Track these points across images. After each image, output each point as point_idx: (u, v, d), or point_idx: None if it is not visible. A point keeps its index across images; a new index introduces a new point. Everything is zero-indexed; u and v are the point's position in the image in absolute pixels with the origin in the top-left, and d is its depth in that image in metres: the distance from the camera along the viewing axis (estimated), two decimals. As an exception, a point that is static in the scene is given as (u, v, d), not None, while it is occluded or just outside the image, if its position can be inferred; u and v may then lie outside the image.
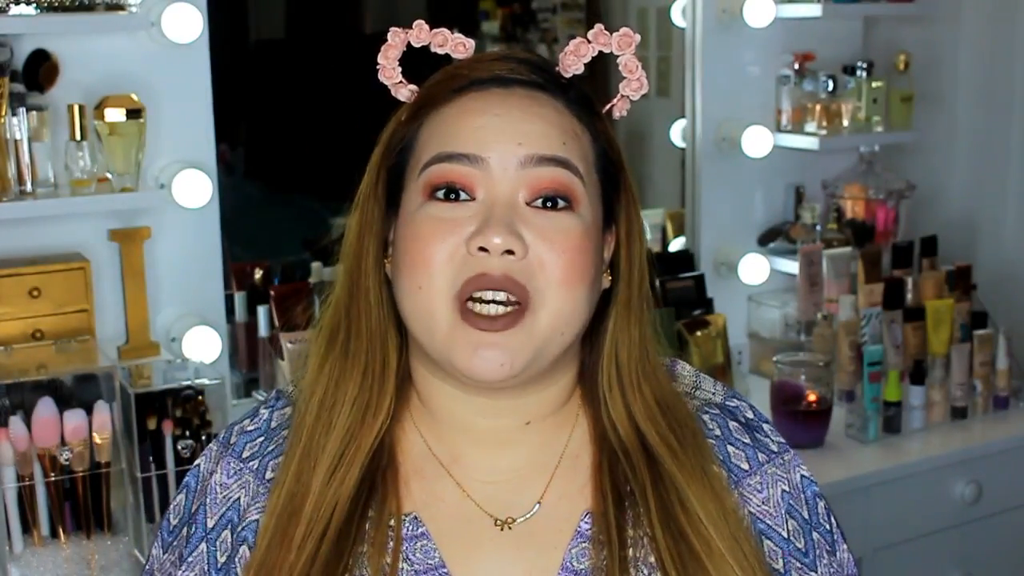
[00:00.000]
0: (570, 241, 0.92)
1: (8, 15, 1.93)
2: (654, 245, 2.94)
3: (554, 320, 0.92)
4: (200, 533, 0.99)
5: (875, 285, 2.60)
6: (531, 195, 0.92)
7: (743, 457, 1.02)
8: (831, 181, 2.90)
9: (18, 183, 1.97)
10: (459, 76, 0.96)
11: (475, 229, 0.90)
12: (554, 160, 0.92)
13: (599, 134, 0.98)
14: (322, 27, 3.44)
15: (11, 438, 1.81)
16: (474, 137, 0.92)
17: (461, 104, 0.95)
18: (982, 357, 2.56)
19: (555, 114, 0.95)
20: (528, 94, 0.95)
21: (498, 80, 0.96)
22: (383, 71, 0.99)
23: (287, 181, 3.29)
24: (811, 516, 1.02)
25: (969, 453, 2.44)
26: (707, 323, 2.55)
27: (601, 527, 0.95)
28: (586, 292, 0.94)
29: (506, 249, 0.89)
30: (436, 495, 0.98)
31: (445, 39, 0.98)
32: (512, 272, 0.90)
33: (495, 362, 0.90)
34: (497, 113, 0.93)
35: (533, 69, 0.97)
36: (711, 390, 1.07)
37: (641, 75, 0.98)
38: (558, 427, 1.01)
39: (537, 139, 0.92)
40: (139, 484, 1.88)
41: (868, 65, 2.78)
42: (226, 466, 1.01)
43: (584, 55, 0.97)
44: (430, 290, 0.91)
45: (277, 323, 2.27)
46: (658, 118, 3.07)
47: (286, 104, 3.31)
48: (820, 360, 2.46)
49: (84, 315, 2.07)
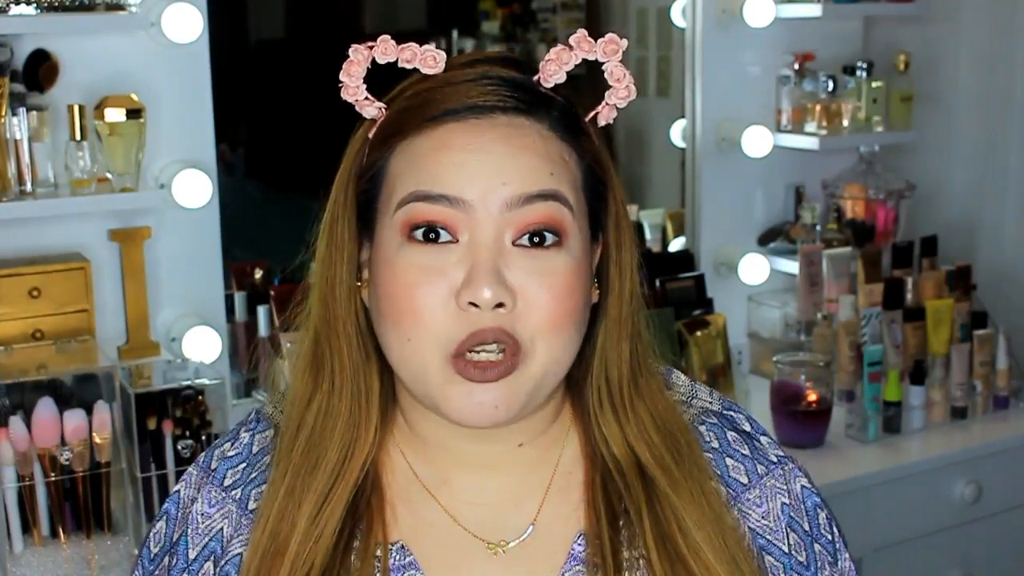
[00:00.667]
0: (559, 281, 0.87)
1: (8, 15, 1.93)
2: (654, 245, 2.94)
3: (545, 365, 0.89)
4: (182, 564, 0.97)
5: (875, 285, 2.60)
6: (518, 234, 0.87)
7: (742, 470, 0.99)
8: (831, 181, 2.90)
9: (18, 183, 1.97)
10: (431, 104, 0.89)
11: (464, 280, 0.85)
12: (542, 196, 0.87)
13: (585, 152, 0.92)
14: (322, 27, 3.44)
15: (11, 438, 1.81)
16: (453, 177, 0.86)
17: (436, 137, 0.88)
18: (982, 357, 2.56)
19: (540, 142, 0.88)
20: (509, 122, 0.88)
21: (475, 109, 0.88)
22: (346, 89, 0.91)
23: (287, 181, 3.29)
24: (812, 528, 1.00)
25: (969, 453, 2.44)
26: (707, 323, 2.55)
27: (595, 549, 0.92)
28: (575, 331, 0.90)
29: (497, 303, 0.85)
30: (424, 521, 0.96)
31: (414, 54, 0.90)
32: (503, 325, 0.86)
33: (489, 406, 0.87)
34: (477, 149, 0.87)
35: (512, 89, 0.89)
36: (707, 398, 1.04)
37: (629, 83, 0.91)
38: (549, 445, 0.98)
39: (522, 176, 0.87)
40: (139, 484, 1.88)
41: (868, 65, 2.78)
42: (207, 495, 0.98)
43: (567, 63, 0.90)
44: (421, 343, 0.87)
45: (277, 323, 2.27)
46: (658, 118, 3.07)
47: (286, 104, 3.31)
48: (820, 360, 2.46)
49: (84, 315, 2.07)
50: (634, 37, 3.20)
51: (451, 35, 3.54)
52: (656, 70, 3.14)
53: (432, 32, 3.57)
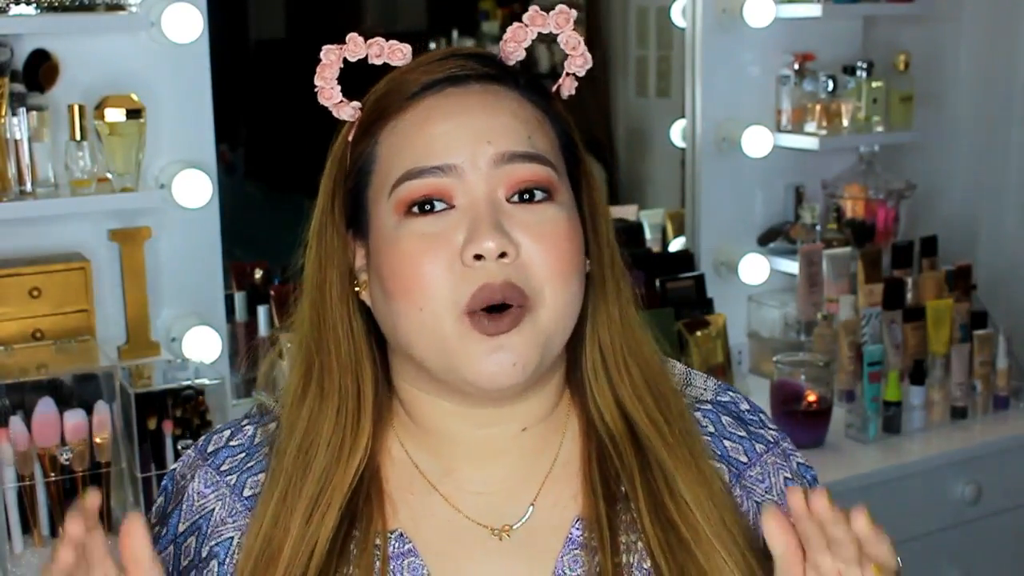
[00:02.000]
0: (558, 232, 0.90)
1: (8, 15, 1.93)
2: (654, 245, 2.94)
3: (555, 315, 0.90)
4: (170, 536, 0.98)
5: (875, 285, 2.60)
6: (510, 191, 0.90)
7: (740, 450, 1.01)
8: (831, 181, 2.90)
9: (18, 183, 1.97)
10: (408, 82, 0.92)
11: (466, 236, 0.87)
12: (526, 156, 0.90)
13: (557, 117, 0.96)
14: (322, 27, 3.44)
15: (11, 438, 1.81)
16: (440, 146, 0.89)
17: (418, 112, 0.91)
18: (982, 357, 2.55)
19: (517, 106, 0.92)
20: (485, 88, 0.92)
21: (452, 79, 0.92)
22: (322, 92, 0.94)
23: (287, 181, 3.29)
24: None
25: (969, 453, 2.44)
26: (707, 323, 2.55)
27: (593, 533, 0.93)
28: (578, 282, 0.92)
29: (501, 252, 0.87)
30: (425, 511, 0.96)
31: (381, 48, 0.94)
32: (510, 277, 0.88)
33: (507, 363, 0.88)
34: (458, 114, 0.90)
35: (484, 62, 0.94)
36: (702, 386, 1.05)
37: (583, 50, 0.95)
38: (551, 432, 0.99)
39: (505, 135, 0.90)
40: (139, 484, 1.88)
41: (868, 65, 2.78)
42: (203, 475, 0.99)
43: (523, 40, 0.95)
44: (433, 310, 0.88)
45: (277, 323, 2.27)
46: (658, 118, 3.07)
47: (286, 104, 3.30)
48: (820, 360, 2.46)
49: (84, 315, 2.07)
50: (634, 37, 3.20)
51: (451, 35, 3.54)
52: (656, 70, 3.14)
53: (432, 32, 3.57)
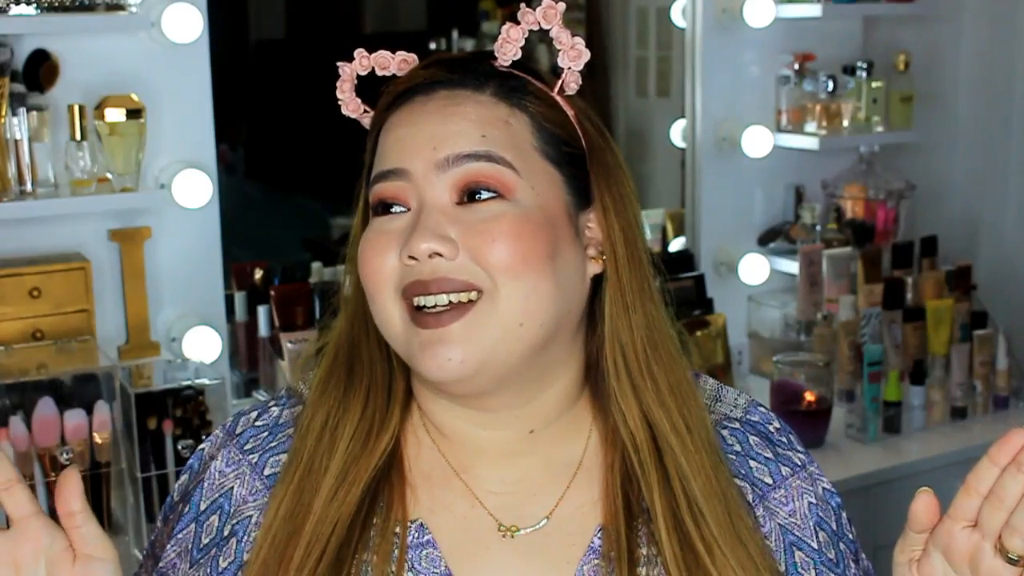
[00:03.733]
0: (501, 227, 0.89)
1: (8, 15, 1.93)
2: (654, 245, 2.94)
3: (508, 310, 0.89)
4: (192, 514, 0.99)
5: (875, 285, 2.60)
6: (458, 195, 0.91)
7: (766, 472, 1.01)
8: (831, 181, 2.90)
9: (18, 183, 1.97)
10: (389, 93, 0.97)
11: (404, 238, 0.91)
12: (472, 156, 0.91)
13: (540, 116, 0.95)
14: (322, 27, 3.44)
15: (11, 438, 1.81)
16: (396, 151, 0.93)
17: (390, 122, 0.95)
18: (982, 357, 2.56)
19: (474, 108, 0.93)
20: (449, 94, 0.94)
21: (420, 88, 0.95)
22: (345, 105, 1.00)
23: (287, 181, 3.29)
24: (839, 528, 1.03)
25: (969, 453, 2.43)
26: (707, 323, 2.55)
27: (612, 543, 0.93)
28: (543, 277, 0.90)
29: (433, 252, 0.89)
30: (444, 502, 0.96)
31: (387, 61, 0.98)
32: (446, 272, 0.89)
33: (443, 358, 0.89)
34: (416, 122, 0.93)
35: (453, 69, 0.96)
36: (732, 403, 1.05)
37: (574, 43, 0.96)
38: (567, 435, 0.98)
39: (451, 139, 0.91)
40: (139, 484, 1.88)
41: (868, 65, 2.78)
42: (227, 454, 1.00)
43: (516, 39, 0.95)
44: (381, 301, 0.92)
45: (277, 323, 2.27)
46: (658, 118, 3.07)
47: (286, 104, 3.31)
48: (820, 360, 2.46)
49: (84, 315, 2.07)
50: (634, 37, 3.20)
51: (451, 35, 3.54)
52: (656, 70, 3.14)
53: (432, 32, 3.57)
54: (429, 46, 3.46)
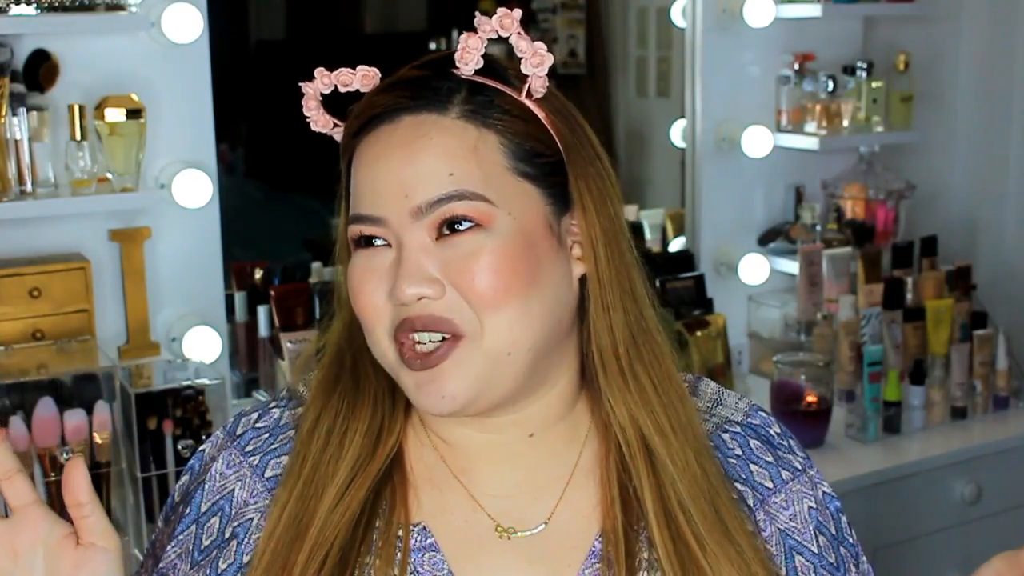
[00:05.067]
0: (480, 264, 0.89)
1: (8, 15, 1.93)
2: (654, 245, 2.94)
3: (499, 340, 0.89)
4: (193, 515, 0.99)
5: (875, 285, 2.60)
6: (436, 232, 0.90)
7: (766, 476, 1.01)
8: (831, 181, 2.90)
9: (18, 183, 1.97)
10: (353, 122, 0.95)
11: (391, 283, 0.90)
12: (444, 198, 0.89)
13: (507, 131, 0.92)
14: (322, 27, 3.44)
15: (11, 438, 1.80)
16: (368, 196, 0.92)
17: (359, 152, 0.93)
18: (982, 357, 2.56)
19: (439, 140, 0.90)
20: (413, 122, 0.91)
21: (384, 116, 0.92)
22: (314, 123, 0.99)
23: (287, 181, 3.29)
24: (838, 532, 1.03)
25: (969, 453, 2.44)
26: (707, 323, 2.55)
27: (612, 547, 0.93)
28: (523, 304, 0.90)
29: (420, 296, 0.89)
30: (446, 505, 0.96)
31: (350, 78, 0.97)
32: (435, 311, 0.89)
33: (436, 396, 0.90)
34: (383, 160, 0.91)
35: (412, 88, 0.93)
36: (733, 407, 1.05)
37: (536, 48, 0.92)
38: (566, 437, 0.98)
39: (422, 184, 0.89)
40: (139, 484, 1.88)
41: (868, 65, 2.78)
42: (227, 456, 1.00)
43: (476, 47, 0.93)
44: (374, 336, 0.93)
45: (277, 323, 2.27)
46: (658, 118, 3.07)
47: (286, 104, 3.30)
48: (820, 360, 2.46)
49: (84, 315, 2.06)
50: (634, 37, 3.20)
51: (451, 35, 3.54)
52: (656, 70, 3.14)
53: (432, 32, 3.57)
54: (429, 46, 3.45)
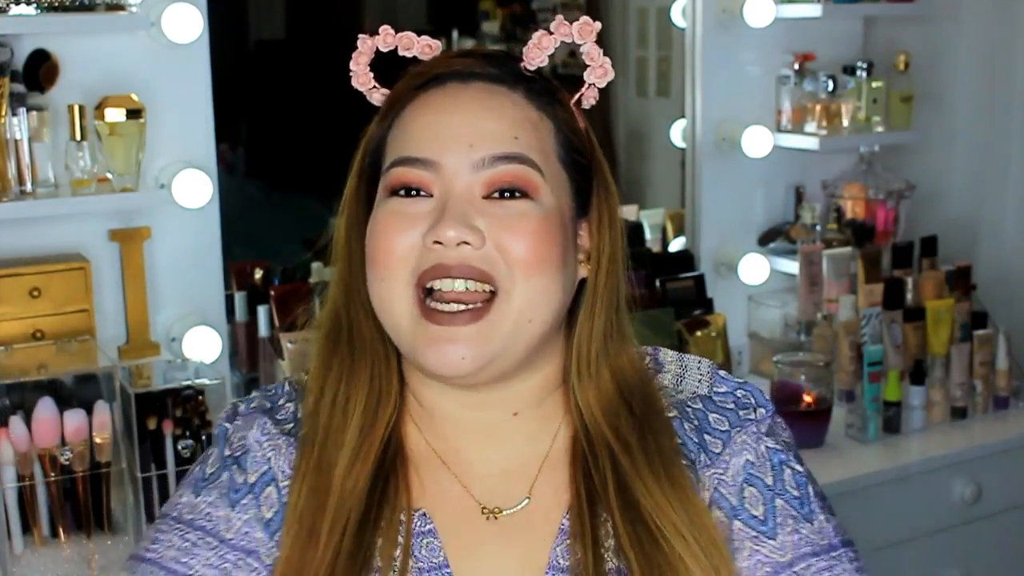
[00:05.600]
0: (528, 226, 0.93)
1: (8, 15, 1.93)
2: (654, 245, 2.94)
3: (522, 306, 0.93)
4: (245, 487, 0.99)
5: (875, 285, 2.60)
6: (486, 190, 0.94)
7: (719, 443, 1.01)
8: (831, 181, 2.90)
9: (18, 183, 1.97)
10: (420, 74, 0.98)
11: (430, 223, 0.92)
12: (506, 157, 0.94)
13: (562, 123, 0.99)
14: (322, 27, 3.44)
15: (11, 438, 1.80)
16: (427, 140, 0.94)
17: (420, 102, 0.97)
18: (982, 357, 2.56)
19: (509, 106, 0.96)
20: (485, 87, 0.97)
21: (456, 75, 0.97)
22: (356, 77, 1.01)
23: (287, 181, 3.29)
24: (775, 483, 1.00)
25: (969, 453, 2.44)
26: (707, 323, 2.55)
27: (577, 525, 0.96)
28: (553, 279, 0.94)
29: (461, 241, 0.91)
30: (441, 489, 0.99)
31: (411, 42, 1.00)
32: (470, 260, 0.91)
33: (454, 356, 0.92)
34: (450, 111, 0.95)
35: (491, 62, 0.98)
36: (696, 376, 1.06)
37: (604, 62, 0.99)
38: (545, 419, 1.02)
39: (488, 138, 0.94)
40: (139, 484, 1.88)
41: (868, 65, 2.78)
42: (262, 424, 1.01)
43: (547, 47, 0.98)
44: (391, 282, 0.93)
45: (277, 323, 2.27)
46: (658, 118, 3.07)
47: (286, 104, 3.31)
48: (820, 360, 2.46)
49: (84, 315, 2.06)
50: (634, 37, 3.20)
51: (451, 35, 3.54)
52: (656, 70, 3.14)
53: (432, 32, 3.57)
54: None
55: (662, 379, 1.05)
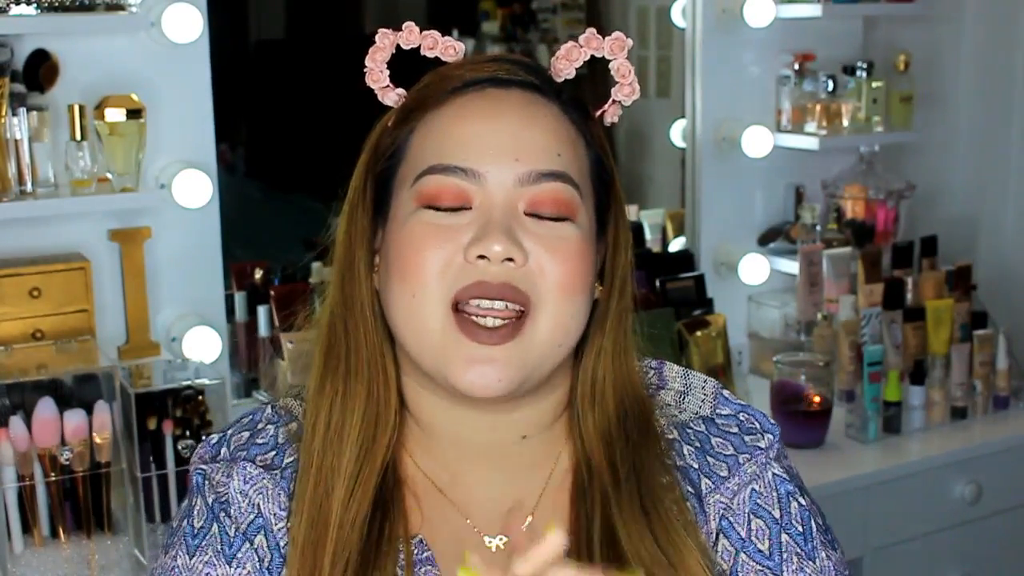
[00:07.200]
0: (569, 249, 0.90)
1: (8, 15, 1.93)
2: (654, 245, 2.94)
3: (553, 329, 0.90)
4: (239, 538, 0.95)
5: (875, 285, 2.60)
6: (530, 207, 0.90)
7: (724, 466, 0.99)
8: (831, 181, 2.90)
9: (18, 183, 1.97)
10: (453, 77, 0.94)
11: (473, 236, 0.88)
12: (551, 175, 0.90)
13: (593, 140, 0.96)
14: (322, 27, 3.44)
15: (11, 438, 1.80)
16: (470, 148, 0.90)
17: (456, 107, 0.92)
18: (982, 357, 2.55)
19: (552, 120, 0.93)
20: (525, 96, 0.93)
21: (495, 81, 0.93)
22: (370, 74, 0.96)
23: (287, 181, 3.29)
24: (783, 516, 0.98)
25: (969, 453, 2.44)
26: (707, 323, 2.55)
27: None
28: (583, 302, 0.92)
29: (506, 257, 0.87)
30: (440, 518, 0.97)
31: (436, 41, 0.96)
32: (512, 279, 0.88)
33: (492, 378, 0.89)
34: (494, 118, 0.91)
35: (528, 71, 0.94)
36: (700, 397, 1.03)
37: (633, 80, 0.96)
38: (551, 443, 0.99)
39: (534, 152, 0.90)
40: (139, 484, 1.88)
41: (868, 65, 2.78)
42: (241, 471, 0.96)
43: (576, 59, 0.95)
44: (423, 298, 0.89)
45: (277, 323, 2.27)
46: (658, 118, 3.07)
47: (286, 104, 3.31)
48: (820, 360, 2.46)
49: (84, 315, 2.06)
50: (634, 37, 3.19)
51: (451, 35, 3.54)
52: (656, 70, 3.14)
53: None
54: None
55: (664, 396, 1.03)
